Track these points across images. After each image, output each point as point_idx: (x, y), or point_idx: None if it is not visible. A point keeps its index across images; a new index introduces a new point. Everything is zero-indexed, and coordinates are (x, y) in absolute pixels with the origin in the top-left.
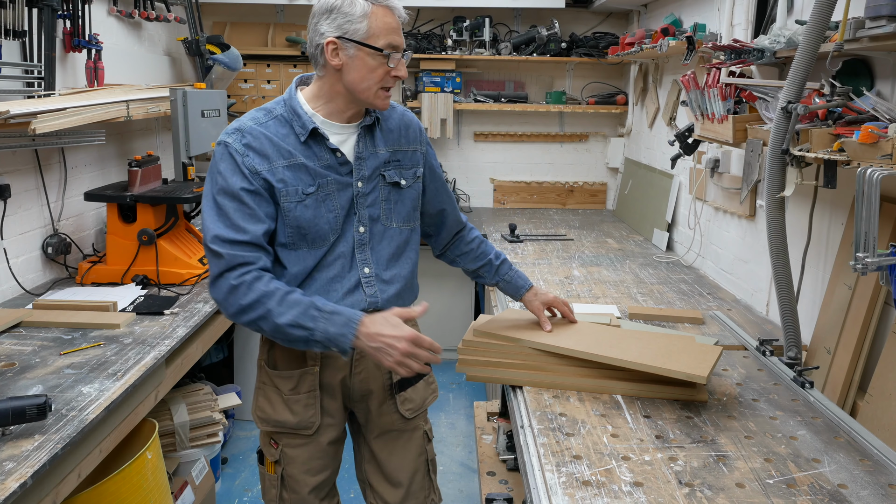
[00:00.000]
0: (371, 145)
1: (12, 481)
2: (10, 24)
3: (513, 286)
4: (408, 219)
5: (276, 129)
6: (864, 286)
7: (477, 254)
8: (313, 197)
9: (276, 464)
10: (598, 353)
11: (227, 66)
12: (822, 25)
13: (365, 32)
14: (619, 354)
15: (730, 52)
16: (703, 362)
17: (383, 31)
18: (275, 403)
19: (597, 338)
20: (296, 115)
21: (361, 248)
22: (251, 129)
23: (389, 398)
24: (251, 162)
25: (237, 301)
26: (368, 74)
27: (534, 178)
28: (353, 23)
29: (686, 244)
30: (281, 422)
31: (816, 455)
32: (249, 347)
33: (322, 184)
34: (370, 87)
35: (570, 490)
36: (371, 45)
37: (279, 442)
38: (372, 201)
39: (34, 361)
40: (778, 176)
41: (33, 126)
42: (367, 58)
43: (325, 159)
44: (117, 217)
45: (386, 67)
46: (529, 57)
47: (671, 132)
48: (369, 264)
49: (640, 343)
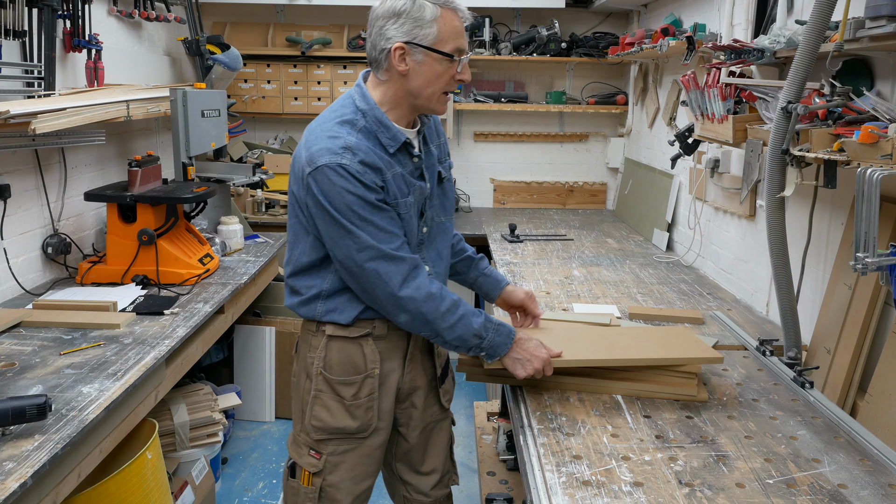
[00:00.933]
0: (426, 145)
1: (12, 481)
2: (10, 24)
3: (493, 279)
4: (450, 210)
5: (366, 141)
6: (864, 286)
7: (457, 248)
8: (412, 205)
9: (316, 476)
10: (601, 356)
11: (227, 66)
12: (822, 25)
13: (434, 37)
14: (621, 354)
15: (730, 52)
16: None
17: (451, 36)
18: (334, 411)
19: (593, 340)
20: (383, 126)
21: (420, 247)
22: (357, 145)
23: (432, 392)
24: (372, 178)
25: (437, 307)
26: (435, 80)
27: (534, 178)
28: (422, 27)
29: (686, 244)
30: (341, 428)
31: (816, 455)
32: (249, 347)
33: (413, 190)
34: (434, 93)
35: (570, 490)
36: (440, 50)
37: (323, 451)
38: (432, 201)
39: (34, 361)
40: (778, 176)
41: (33, 126)
42: (435, 63)
43: (409, 166)
44: (117, 217)
45: (453, 72)
46: (529, 57)
47: (671, 132)
48: (429, 262)
49: (635, 339)
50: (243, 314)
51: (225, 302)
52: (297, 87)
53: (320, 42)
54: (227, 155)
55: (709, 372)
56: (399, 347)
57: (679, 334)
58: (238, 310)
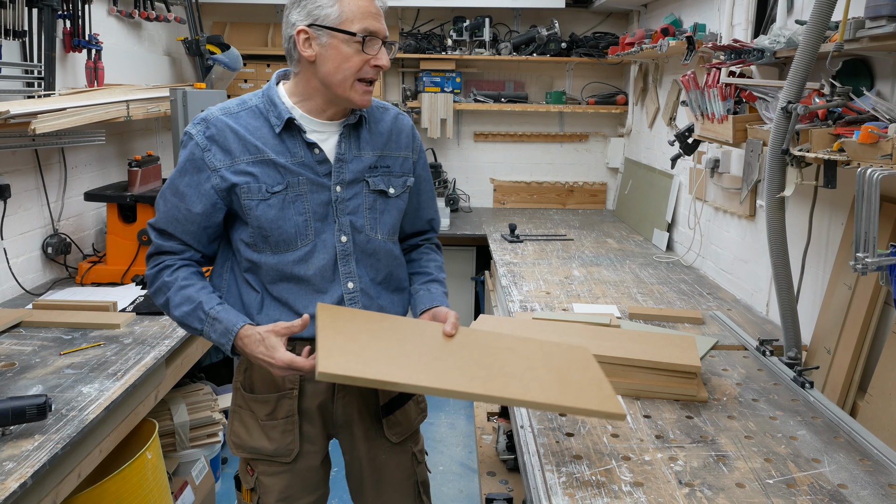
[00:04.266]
0: (356, 147)
1: (12, 481)
2: (10, 24)
3: (430, 297)
4: (394, 230)
5: (247, 120)
6: (864, 286)
7: (421, 265)
8: (279, 196)
9: (252, 492)
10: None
11: (227, 66)
12: (822, 25)
13: (337, 16)
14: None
15: (730, 52)
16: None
17: (358, 15)
18: (250, 429)
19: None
20: (272, 104)
21: (345, 259)
22: (217, 120)
23: (376, 423)
24: (211, 158)
25: (149, 288)
26: (343, 64)
27: (534, 178)
28: (323, 7)
29: (686, 244)
30: (257, 448)
31: (816, 455)
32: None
33: (292, 183)
34: (346, 79)
35: (570, 490)
36: (344, 29)
37: (255, 469)
38: (353, 208)
39: (34, 361)
40: (778, 176)
41: (33, 126)
42: (341, 45)
43: (300, 156)
44: (117, 217)
45: (363, 55)
46: (529, 57)
47: (671, 132)
48: (353, 278)
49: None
50: None
51: None
52: None
53: None
54: None
55: (709, 372)
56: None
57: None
58: None
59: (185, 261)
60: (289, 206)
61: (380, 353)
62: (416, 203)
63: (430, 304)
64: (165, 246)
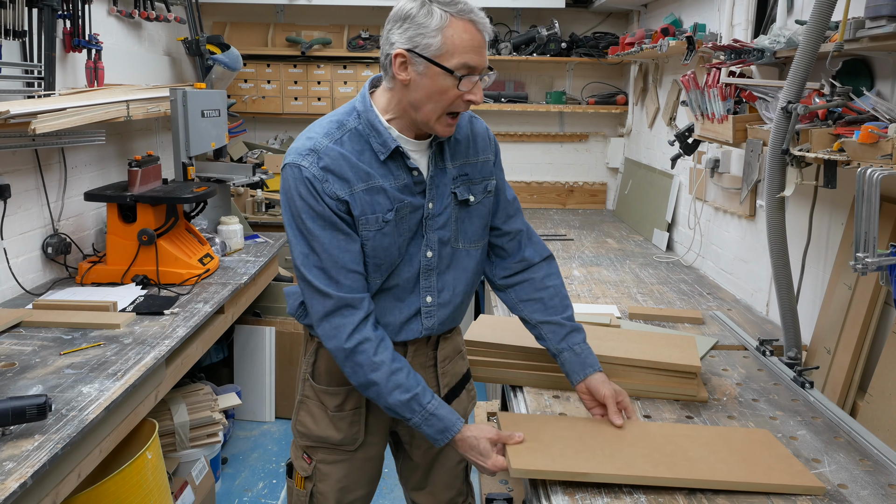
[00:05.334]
0: (441, 161)
1: (12, 481)
2: (10, 24)
3: (580, 361)
4: (477, 238)
5: (351, 145)
6: (864, 286)
7: (548, 305)
8: (391, 224)
9: (307, 479)
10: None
11: (227, 66)
12: (822, 25)
13: (438, 48)
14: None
15: (730, 52)
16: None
17: (460, 49)
18: (318, 419)
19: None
20: (374, 130)
21: (427, 274)
22: (328, 149)
23: None
24: (331, 188)
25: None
26: (437, 96)
27: (534, 178)
28: (425, 36)
29: (686, 244)
30: (323, 438)
31: (816, 455)
32: (249, 347)
33: (399, 208)
34: (434, 111)
35: (570, 490)
36: (441, 64)
37: (313, 457)
38: (443, 223)
39: (34, 361)
40: (778, 176)
41: (33, 126)
42: (437, 77)
43: (402, 179)
44: (117, 217)
45: (457, 91)
46: (529, 57)
47: (671, 132)
48: (433, 292)
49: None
50: (243, 314)
51: (225, 302)
52: (297, 87)
53: (320, 42)
54: (227, 155)
55: (709, 372)
56: None
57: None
58: (238, 310)
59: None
60: (395, 230)
61: (564, 449)
62: (503, 203)
63: (583, 373)
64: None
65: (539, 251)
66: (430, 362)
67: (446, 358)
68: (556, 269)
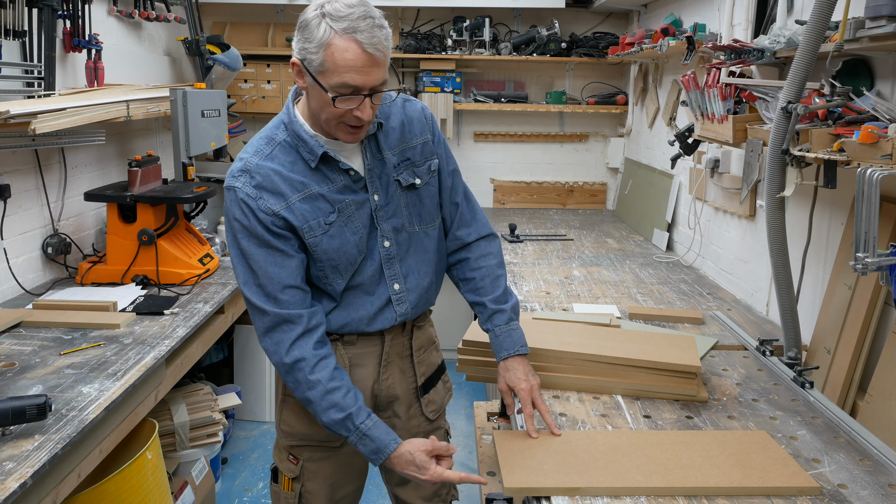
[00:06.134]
0: (377, 152)
1: (12, 481)
2: (10, 24)
3: (497, 343)
4: (431, 218)
5: (282, 157)
6: (864, 286)
7: (478, 286)
8: (336, 225)
9: (295, 480)
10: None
11: (227, 66)
12: (822, 25)
13: (319, 65)
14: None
15: (730, 52)
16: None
17: (340, 69)
18: (301, 416)
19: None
20: (300, 140)
21: (389, 262)
22: (258, 166)
23: (415, 402)
24: (266, 204)
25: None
26: (325, 107)
27: (534, 178)
28: (309, 51)
29: (686, 244)
30: (308, 434)
31: (816, 455)
32: (249, 347)
33: (341, 208)
34: (329, 122)
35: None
36: (320, 81)
37: (299, 457)
38: (393, 211)
39: (34, 361)
40: (778, 176)
41: (33, 126)
42: (320, 92)
43: (339, 181)
44: (117, 217)
45: (337, 109)
46: (529, 57)
47: (671, 132)
48: (399, 279)
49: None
50: (243, 314)
51: (225, 302)
52: None
53: None
54: (227, 155)
55: (709, 372)
56: (372, 353)
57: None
58: (238, 310)
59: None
60: (344, 230)
61: (558, 465)
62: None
63: (498, 356)
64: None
65: (478, 230)
66: (406, 352)
67: (421, 347)
68: (494, 248)
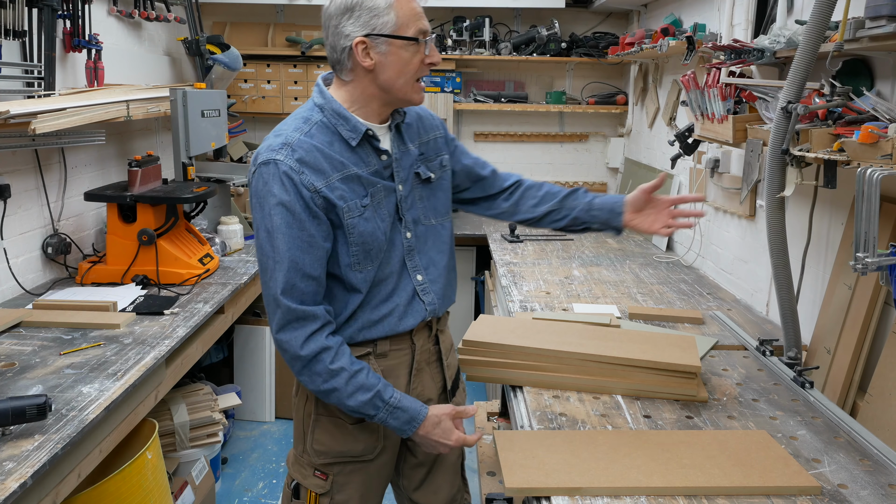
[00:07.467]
0: (402, 144)
1: (12, 481)
2: (10, 24)
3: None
4: (446, 211)
5: (320, 136)
6: (864, 286)
7: (552, 191)
8: (370, 209)
9: (323, 496)
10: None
11: (227, 66)
12: (822, 25)
13: (394, 24)
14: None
15: (730, 52)
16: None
17: (411, 18)
18: (336, 435)
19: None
20: (341, 117)
21: (410, 254)
22: (300, 141)
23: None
24: (308, 180)
25: (310, 375)
26: (404, 68)
27: (534, 177)
28: (379, 16)
29: (686, 244)
30: (344, 452)
31: (816, 455)
32: (249, 347)
33: (373, 192)
34: (408, 83)
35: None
36: (404, 35)
37: (329, 472)
38: (412, 203)
39: (34, 361)
40: (778, 176)
41: (33, 126)
42: (400, 51)
43: (373, 164)
44: (117, 217)
45: (421, 55)
46: (529, 57)
47: (671, 132)
48: (420, 270)
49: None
50: (243, 314)
51: (225, 302)
52: (297, 87)
53: (320, 42)
54: (227, 155)
55: (709, 372)
56: (404, 364)
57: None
58: (238, 310)
59: (325, 328)
60: (375, 215)
61: (559, 465)
62: (467, 164)
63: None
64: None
65: (512, 175)
66: (433, 357)
67: (447, 351)
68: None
